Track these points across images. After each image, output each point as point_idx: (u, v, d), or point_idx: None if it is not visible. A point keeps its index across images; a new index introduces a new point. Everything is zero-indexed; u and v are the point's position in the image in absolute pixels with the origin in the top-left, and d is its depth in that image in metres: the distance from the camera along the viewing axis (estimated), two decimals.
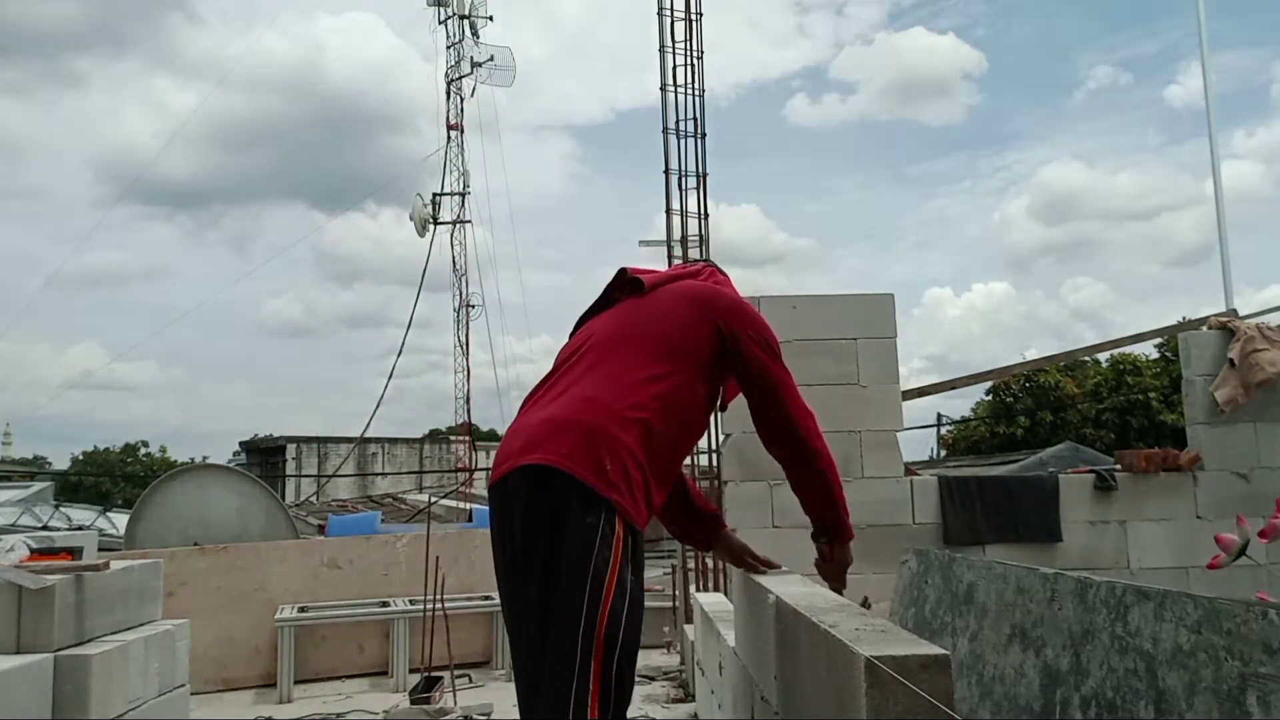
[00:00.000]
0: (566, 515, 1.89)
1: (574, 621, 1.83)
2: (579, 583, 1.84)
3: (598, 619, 1.84)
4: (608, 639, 1.85)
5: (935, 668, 1.31)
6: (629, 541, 1.93)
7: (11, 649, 3.13)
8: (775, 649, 2.07)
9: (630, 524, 1.94)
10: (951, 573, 3.03)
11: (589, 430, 1.95)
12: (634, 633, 1.92)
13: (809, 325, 5.15)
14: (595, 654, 1.83)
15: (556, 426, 1.97)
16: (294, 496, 20.97)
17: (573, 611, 1.84)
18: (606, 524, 1.89)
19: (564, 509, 1.89)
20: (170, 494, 7.44)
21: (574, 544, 1.87)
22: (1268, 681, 1.56)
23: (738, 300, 2.34)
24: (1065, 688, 2.16)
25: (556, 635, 1.86)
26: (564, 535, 1.88)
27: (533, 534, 1.93)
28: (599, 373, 2.08)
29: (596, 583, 1.85)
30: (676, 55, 6.85)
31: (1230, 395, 5.26)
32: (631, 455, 1.96)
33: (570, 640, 1.83)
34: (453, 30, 21.49)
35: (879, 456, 5.12)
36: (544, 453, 1.93)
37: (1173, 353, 18.19)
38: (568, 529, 1.88)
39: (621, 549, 1.90)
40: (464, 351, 21.26)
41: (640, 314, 2.22)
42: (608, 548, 1.87)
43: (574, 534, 1.87)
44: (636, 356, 2.10)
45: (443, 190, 21.07)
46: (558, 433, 1.95)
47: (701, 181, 6.82)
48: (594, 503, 1.89)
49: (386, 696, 5.88)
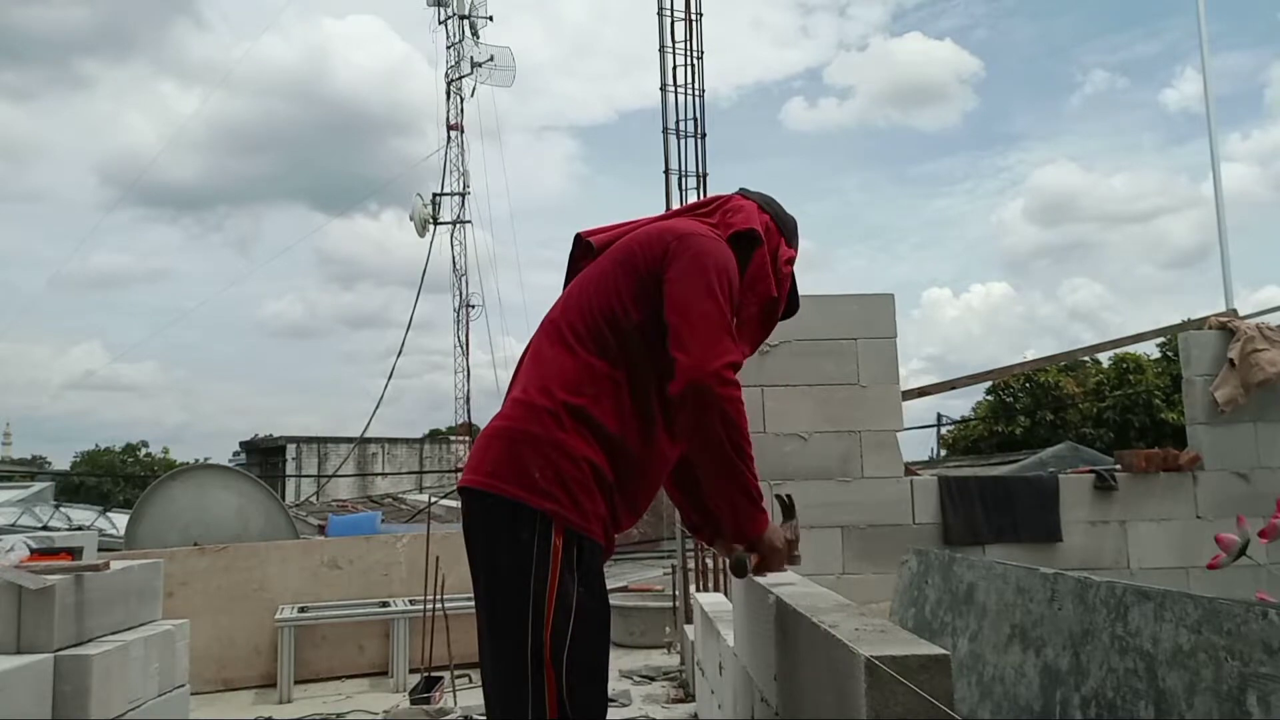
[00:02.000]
0: (496, 537, 1.75)
1: (517, 646, 1.70)
2: (516, 606, 1.70)
3: (541, 641, 1.69)
4: (554, 662, 1.69)
5: (935, 668, 1.31)
6: (573, 552, 1.73)
7: (11, 649, 3.13)
8: (775, 649, 2.06)
9: (575, 532, 1.74)
10: (951, 573, 3.03)
11: (513, 439, 1.78)
12: (588, 651, 1.74)
13: (809, 325, 5.15)
14: (545, 678, 1.68)
15: (486, 441, 1.83)
16: (294, 496, 20.99)
17: (514, 636, 1.70)
18: (541, 538, 1.71)
19: (493, 531, 1.76)
20: (170, 494, 7.44)
21: (506, 566, 1.73)
22: (1268, 681, 1.56)
23: (681, 235, 1.90)
24: (1065, 688, 2.16)
25: (502, 662, 1.74)
26: (496, 558, 1.75)
27: (472, 559, 1.82)
28: (533, 367, 1.87)
29: (537, 604, 1.69)
30: (677, 55, 6.84)
31: (1230, 395, 5.26)
32: (567, 455, 1.75)
33: (517, 667, 1.70)
34: (453, 30, 21.52)
35: (879, 456, 5.12)
36: (472, 474, 1.81)
37: (1173, 352, 18.19)
38: (498, 551, 1.75)
39: (560, 563, 1.71)
40: (464, 352, 21.29)
41: (576, 288, 1.96)
42: (544, 564, 1.70)
43: (505, 555, 1.73)
44: (568, 337, 1.85)
45: (443, 190, 21.10)
46: (485, 449, 1.82)
47: (702, 182, 6.82)
48: (524, 518, 1.72)
49: (386, 696, 5.88)
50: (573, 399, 1.78)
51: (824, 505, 5.02)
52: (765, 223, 2.07)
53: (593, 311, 1.87)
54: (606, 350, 1.83)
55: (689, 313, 1.78)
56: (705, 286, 1.81)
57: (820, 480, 5.06)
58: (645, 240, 1.93)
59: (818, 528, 5.01)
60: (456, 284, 21.19)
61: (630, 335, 1.84)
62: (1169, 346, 20.65)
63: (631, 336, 1.84)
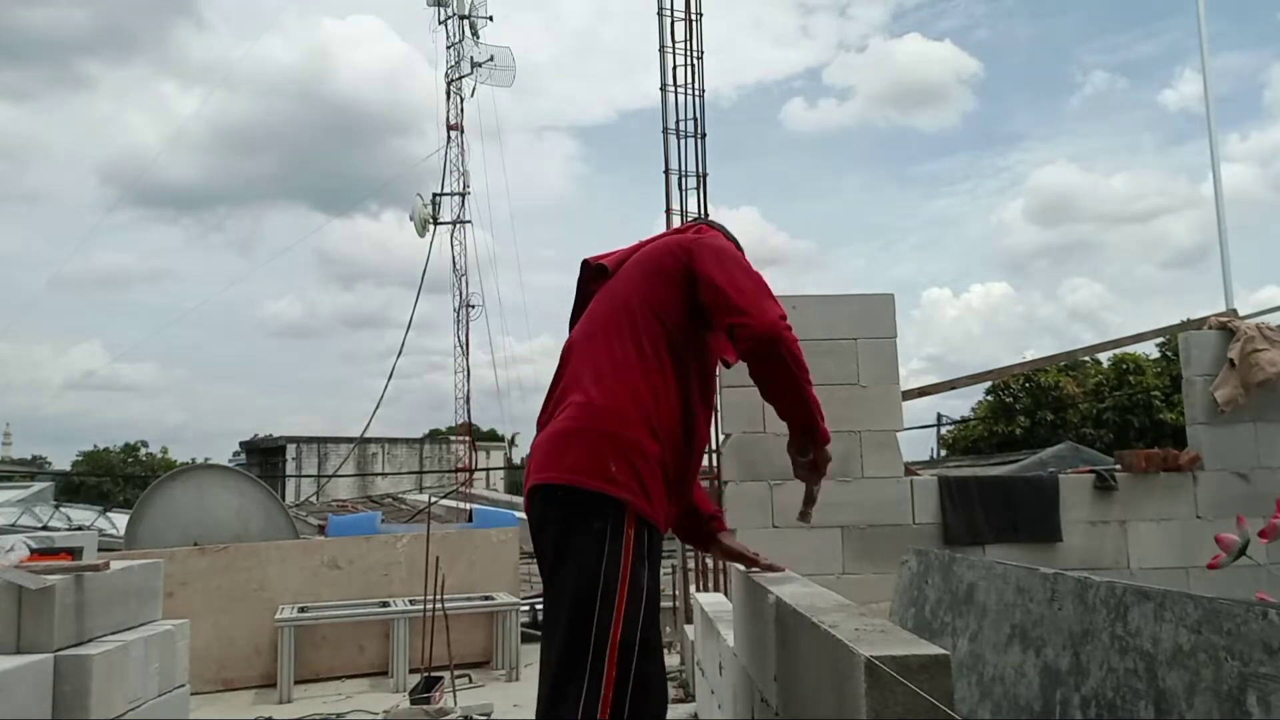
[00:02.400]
0: (572, 527, 1.91)
1: (584, 631, 1.83)
2: (589, 592, 1.84)
3: (610, 626, 1.83)
4: (623, 645, 1.83)
5: (935, 668, 1.31)
6: (643, 539, 1.92)
7: (11, 649, 3.13)
8: (775, 649, 2.07)
9: (644, 520, 1.93)
10: (951, 573, 3.03)
11: (590, 437, 1.94)
12: (654, 631, 1.92)
13: (809, 325, 5.15)
14: (609, 662, 1.82)
15: (558, 441, 1.98)
16: (294, 496, 20.99)
17: (583, 618, 1.84)
18: (614, 527, 1.88)
19: (570, 521, 1.91)
20: (170, 494, 7.44)
21: (583, 554, 1.88)
22: (1268, 681, 1.56)
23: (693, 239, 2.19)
24: (1065, 688, 2.16)
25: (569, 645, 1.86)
26: (572, 546, 1.90)
27: (546, 549, 1.97)
28: (588, 374, 2.04)
29: (607, 591, 1.84)
30: (677, 55, 6.84)
31: (1230, 395, 5.26)
32: (638, 450, 1.94)
33: (579, 645, 1.83)
34: (453, 30, 21.50)
35: (879, 456, 5.12)
36: (550, 471, 1.96)
37: (1173, 352, 18.19)
38: (574, 540, 1.90)
39: (633, 550, 1.89)
40: (464, 352, 21.26)
41: (608, 301, 2.17)
42: (617, 552, 1.87)
43: (581, 544, 1.88)
44: (618, 346, 2.05)
45: (443, 190, 21.08)
46: (560, 447, 1.97)
47: (701, 182, 6.82)
48: (600, 508, 1.89)
49: (386, 696, 5.88)
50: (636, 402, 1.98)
51: (824, 505, 4.95)
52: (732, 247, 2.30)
53: (637, 313, 2.08)
54: (656, 346, 2.04)
55: (734, 283, 2.03)
56: (736, 263, 2.11)
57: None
58: (665, 250, 2.18)
59: (818, 528, 5.01)
60: (456, 284, 21.19)
61: (674, 337, 2.07)
62: (1169, 347, 20.64)
63: (675, 338, 2.07)
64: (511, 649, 6.48)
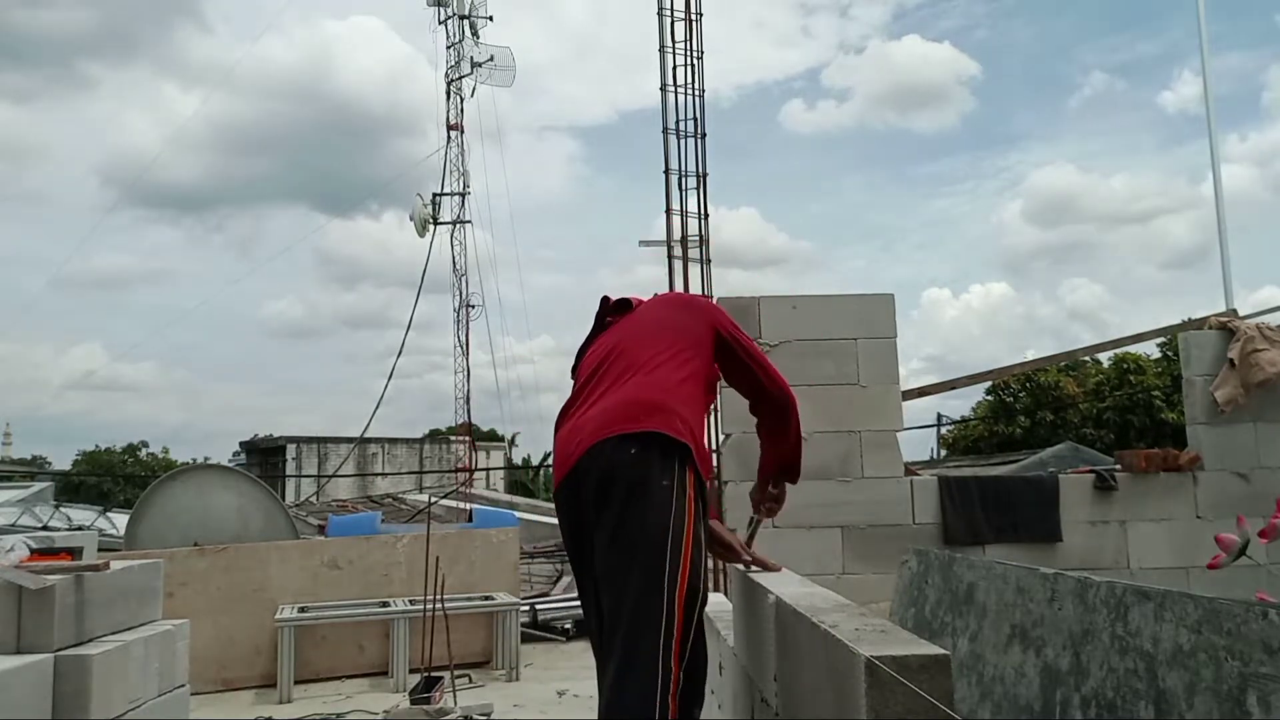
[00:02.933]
0: (648, 474, 2.05)
1: (657, 576, 1.95)
2: (661, 539, 1.98)
3: (679, 574, 1.97)
4: (689, 593, 1.98)
5: (935, 668, 1.31)
6: (702, 492, 2.12)
7: (11, 649, 3.13)
8: (775, 649, 2.07)
9: (699, 475, 2.13)
10: (951, 573, 3.03)
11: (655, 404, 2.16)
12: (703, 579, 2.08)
13: (809, 325, 5.15)
14: (678, 607, 1.95)
15: (625, 405, 2.17)
16: (294, 496, 20.98)
17: (657, 567, 1.96)
18: (679, 480, 2.06)
19: (644, 468, 2.06)
20: (170, 494, 7.44)
21: (657, 503, 2.02)
22: (1268, 681, 1.56)
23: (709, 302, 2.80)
24: (1065, 688, 2.16)
25: (644, 589, 1.96)
26: (647, 494, 2.03)
27: (612, 497, 2.06)
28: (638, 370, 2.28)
29: (676, 539, 1.98)
30: (677, 55, 6.85)
31: (1230, 395, 5.26)
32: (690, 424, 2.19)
33: (655, 593, 1.95)
34: (453, 30, 21.50)
35: (879, 456, 5.12)
36: (621, 424, 2.12)
37: (1174, 352, 18.19)
38: (650, 488, 2.03)
39: (695, 504, 2.06)
40: (464, 352, 21.26)
41: (646, 322, 2.51)
42: (683, 503, 2.03)
43: (657, 493, 2.03)
44: (664, 351, 2.34)
45: (443, 190, 21.08)
46: (628, 410, 2.16)
47: (701, 181, 6.82)
48: (670, 455, 2.08)
49: (386, 696, 5.88)
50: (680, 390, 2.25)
51: (824, 505, 5.02)
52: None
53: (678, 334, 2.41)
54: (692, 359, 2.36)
55: (762, 358, 2.55)
56: (752, 340, 2.60)
57: (820, 480, 5.05)
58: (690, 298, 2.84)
59: (818, 528, 5.01)
60: (456, 284, 21.19)
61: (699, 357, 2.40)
62: (1169, 346, 20.65)
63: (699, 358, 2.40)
64: (511, 649, 6.49)
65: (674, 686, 1.92)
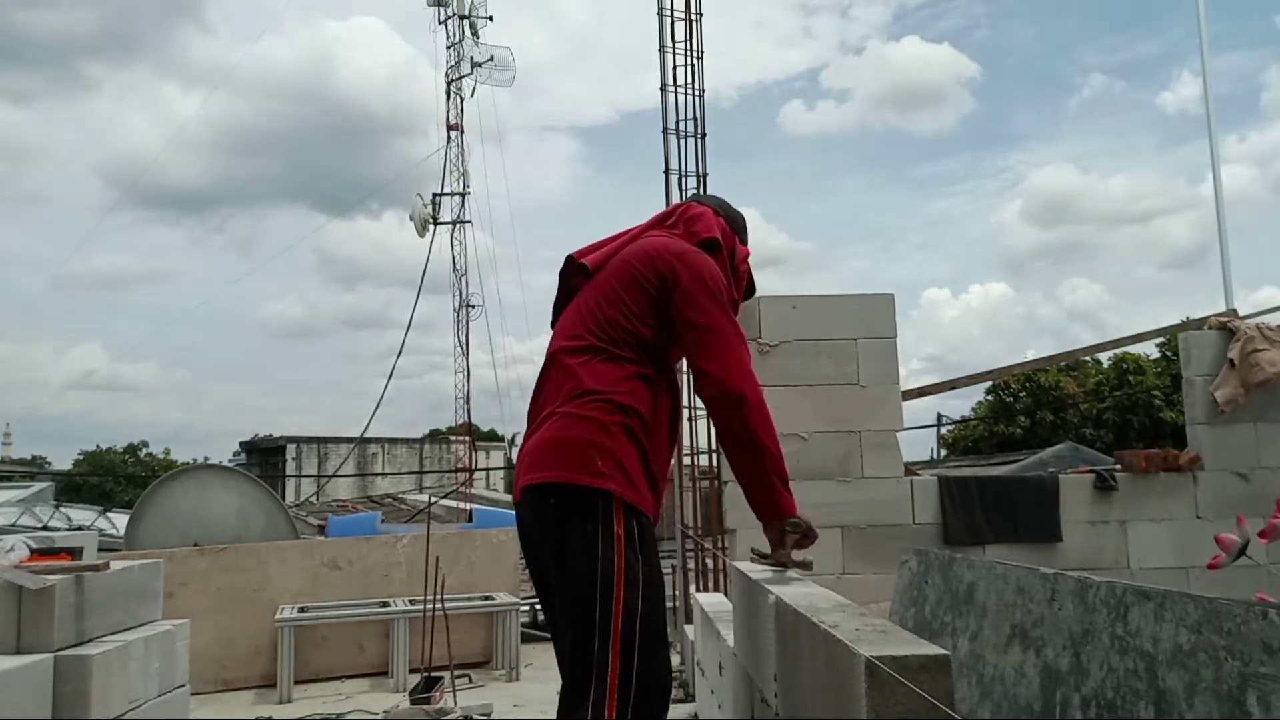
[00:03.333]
0: (566, 526, 1.98)
1: (588, 623, 1.92)
2: (587, 586, 1.93)
3: (611, 618, 1.91)
4: (624, 635, 1.91)
5: (935, 668, 1.31)
6: (633, 530, 1.97)
7: (11, 649, 3.13)
8: (775, 649, 2.06)
9: (632, 509, 1.99)
10: (951, 573, 3.03)
11: (569, 440, 2.02)
12: (655, 622, 1.98)
13: (809, 325, 5.15)
14: (613, 653, 1.89)
15: (546, 446, 2.06)
16: (294, 496, 20.98)
17: (586, 614, 1.92)
18: (605, 521, 1.95)
19: (564, 520, 1.99)
20: (170, 494, 7.44)
21: (577, 550, 1.96)
22: (1268, 681, 1.56)
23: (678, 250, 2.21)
24: (1065, 688, 2.16)
25: (575, 637, 1.96)
26: (566, 544, 1.98)
27: (544, 549, 2.06)
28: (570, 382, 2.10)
29: (605, 584, 1.92)
30: (676, 55, 6.84)
31: (1230, 395, 5.26)
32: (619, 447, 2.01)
33: (586, 641, 1.92)
34: (453, 30, 21.50)
35: (879, 456, 5.12)
36: (538, 471, 2.04)
37: (1173, 352, 18.18)
38: (569, 537, 1.98)
39: (624, 542, 1.95)
40: (464, 352, 21.25)
41: (586, 305, 2.21)
42: (610, 547, 1.94)
43: (575, 541, 1.96)
44: (595, 354, 2.11)
45: (443, 190, 21.08)
46: (547, 451, 2.05)
47: (701, 182, 6.81)
48: (590, 501, 1.96)
49: (386, 696, 5.88)
50: (614, 396, 2.04)
51: (824, 505, 5.02)
52: (721, 226, 2.36)
53: (612, 322, 2.13)
54: (630, 351, 2.11)
55: (710, 328, 2.09)
56: (713, 301, 2.13)
57: (820, 480, 5.05)
58: (642, 259, 2.20)
59: (818, 528, 5.01)
60: (456, 284, 21.19)
61: (646, 340, 2.13)
62: (1169, 346, 20.64)
63: (647, 341, 2.13)
64: (511, 649, 6.48)
65: None
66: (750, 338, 5.15)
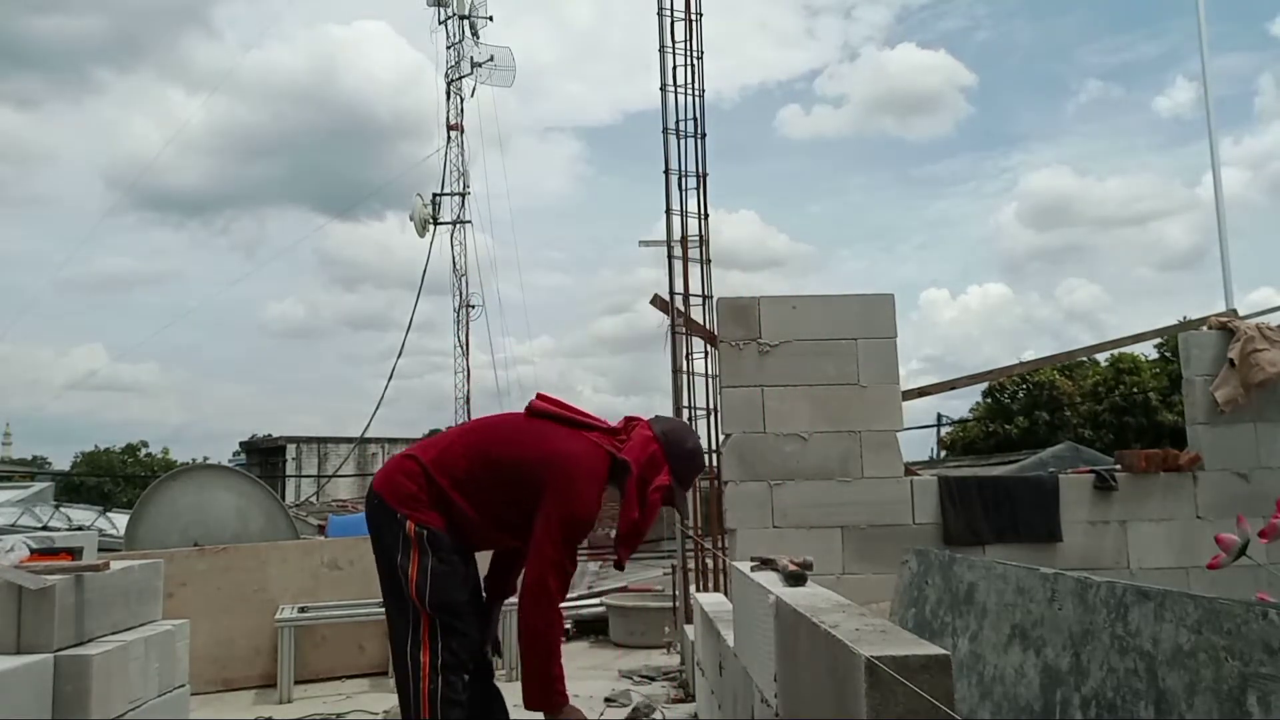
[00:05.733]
0: (389, 532, 2.81)
1: (401, 597, 2.78)
2: (393, 571, 2.78)
3: (408, 593, 2.74)
4: (420, 603, 2.73)
5: (935, 668, 1.31)
6: (423, 537, 2.74)
7: (11, 649, 3.13)
8: (775, 649, 2.07)
9: (422, 526, 2.75)
10: (952, 573, 3.03)
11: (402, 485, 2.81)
12: (446, 595, 2.75)
13: (809, 325, 5.16)
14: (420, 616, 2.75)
15: (397, 476, 2.86)
16: (294, 497, 20.98)
17: (401, 593, 2.77)
18: (404, 531, 2.76)
19: (385, 527, 2.83)
20: (170, 494, 7.44)
21: (391, 549, 2.79)
22: (1268, 681, 1.56)
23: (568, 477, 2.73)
24: (1065, 688, 2.16)
25: (399, 616, 2.82)
26: (388, 545, 2.81)
27: (378, 547, 2.89)
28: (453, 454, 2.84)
29: (403, 570, 2.74)
30: (676, 55, 6.84)
31: (1230, 395, 5.26)
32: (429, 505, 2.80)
33: (406, 615, 2.79)
34: (453, 30, 21.50)
35: (879, 456, 5.12)
36: (382, 490, 2.87)
37: (1172, 353, 18.18)
38: (387, 540, 2.81)
39: (417, 545, 2.74)
40: (464, 352, 21.27)
41: (500, 434, 2.92)
42: (407, 547, 2.75)
43: (392, 543, 2.79)
44: (478, 460, 2.81)
45: (443, 190, 21.08)
46: (397, 480, 2.84)
47: (702, 182, 6.81)
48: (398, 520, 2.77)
49: (386, 696, 5.87)
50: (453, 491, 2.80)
51: (824, 505, 5.02)
52: (652, 453, 2.82)
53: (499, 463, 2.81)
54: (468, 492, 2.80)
55: (546, 544, 2.73)
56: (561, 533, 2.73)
57: (820, 480, 5.06)
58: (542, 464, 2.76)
59: (818, 528, 5.02)
60: (456, 284, 21.19)
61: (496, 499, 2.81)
62: (1166, 347, 20.65)
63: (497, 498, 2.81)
64: (511, 648, 6.48)
65: (425, 684, 2.86)
66: (751, 338, 5.15)
